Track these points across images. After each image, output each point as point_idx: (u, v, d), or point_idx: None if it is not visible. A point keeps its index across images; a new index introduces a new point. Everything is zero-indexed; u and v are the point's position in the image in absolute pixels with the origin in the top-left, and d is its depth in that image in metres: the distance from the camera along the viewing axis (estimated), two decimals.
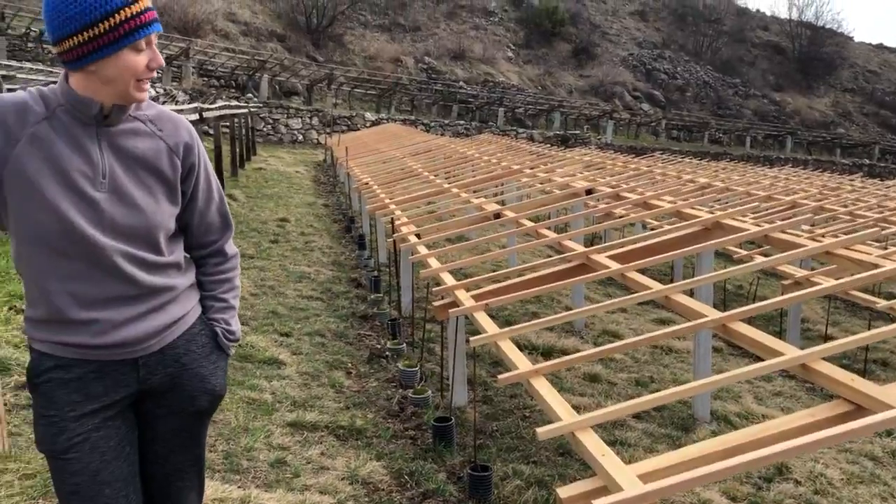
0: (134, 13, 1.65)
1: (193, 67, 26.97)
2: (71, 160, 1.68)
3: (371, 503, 3.28)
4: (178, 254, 1.88)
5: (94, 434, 1.74)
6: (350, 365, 5.04)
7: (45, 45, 27.03)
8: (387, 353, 5.23)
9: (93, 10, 1.62)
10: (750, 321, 3.19)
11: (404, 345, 5.33)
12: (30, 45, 26.82)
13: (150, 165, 1.78)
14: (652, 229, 7.18)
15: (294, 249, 8.71)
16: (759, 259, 5.94)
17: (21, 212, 1.67)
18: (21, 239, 1.71)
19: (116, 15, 1.63)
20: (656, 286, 3.70)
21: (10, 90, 9.52)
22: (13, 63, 18.28)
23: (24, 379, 3.88)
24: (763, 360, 2.68)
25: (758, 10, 79.61)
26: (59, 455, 1.73)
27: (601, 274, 4.01)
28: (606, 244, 4.81)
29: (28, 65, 20.55)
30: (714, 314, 3.15)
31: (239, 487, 3.16)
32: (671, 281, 7.95)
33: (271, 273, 7.35)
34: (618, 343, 3.41)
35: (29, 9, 27.92)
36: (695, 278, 4.13)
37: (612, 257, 4.32)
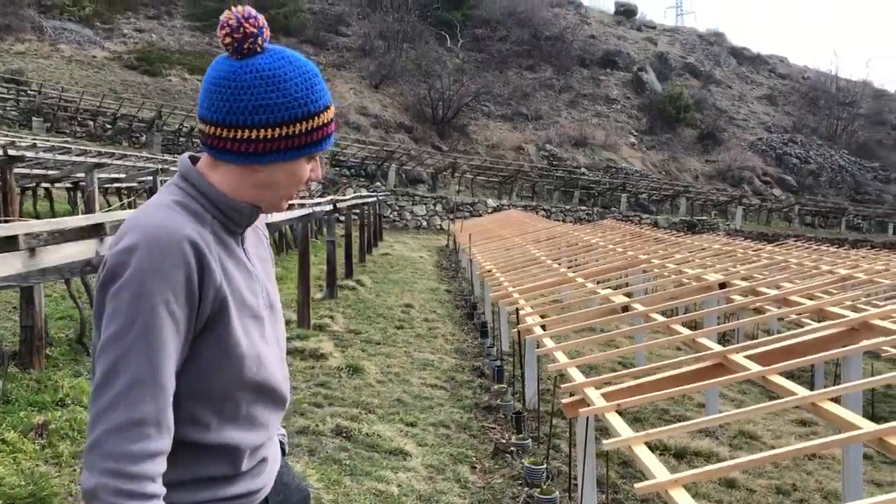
0: (328, 120, 1.47)
1: (326, 158, 28.60)
2: (245, 282, 1.46)
3: None
4: None
5: None
6: (475, 459, 4.99)
7: (194, 140, 29.42)
8: (511, 448, 5.14)
9: (300, 104, 1.40)
10: None
11: (529, 440, 5.23)
12: (181, 139, 29.27)
13: (272, 273, 1.62)
14: (793, 324, 6.82)
15: (418, 336, 8.82)
16: None
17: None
18: None
19: (318, 117, 1.43)
20: (802, 391, 3.48)
21: (163, 182, 10.33)
22: (167, 157, 19.97)
23: None
24: None
25: None
26: None
27: (741, 376, 3.83)
28: (745, 343, 4.60)
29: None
30: (868, 426, 2.91)
31: None
32: (811, 383, 7.47)
33: (396, 360, 7.46)
34: (762, 455, 3.20)
35: (182, 107, 30.59)
36: (844, 385, 3.86)
37: (750, 357, 4.11)
